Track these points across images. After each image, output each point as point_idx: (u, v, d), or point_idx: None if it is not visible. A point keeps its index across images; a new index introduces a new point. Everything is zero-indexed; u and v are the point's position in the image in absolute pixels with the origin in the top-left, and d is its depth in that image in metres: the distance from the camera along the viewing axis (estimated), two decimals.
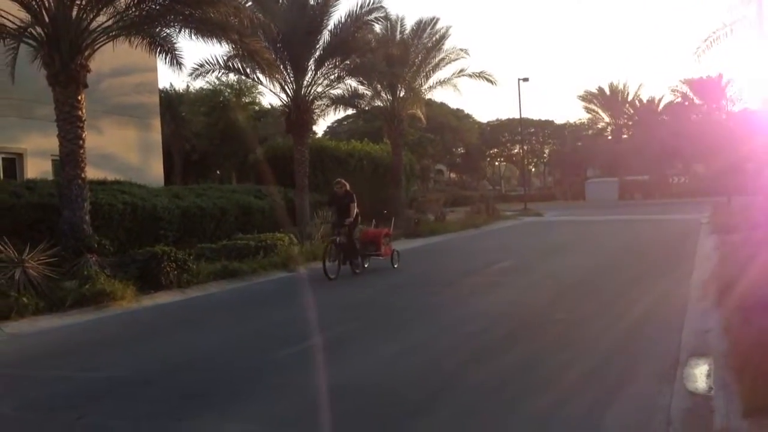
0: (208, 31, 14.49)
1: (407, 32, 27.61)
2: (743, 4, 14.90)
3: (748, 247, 11.94)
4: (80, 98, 13.13)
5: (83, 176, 13.03)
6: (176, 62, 14.72)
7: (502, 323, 8.55)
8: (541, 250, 18.30)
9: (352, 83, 24.41)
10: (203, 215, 16.86)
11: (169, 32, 14.67)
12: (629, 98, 67.53)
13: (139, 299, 10.92)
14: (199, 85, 45.60)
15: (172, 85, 51.56)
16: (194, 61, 43.24)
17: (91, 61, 13.42)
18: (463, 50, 28.82)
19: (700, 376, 5.88)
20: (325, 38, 21.08)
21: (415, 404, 5.36)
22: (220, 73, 21.24)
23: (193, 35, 14.49)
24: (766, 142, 27.65)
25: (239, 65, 20.28)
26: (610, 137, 68.72)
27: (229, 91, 39.64)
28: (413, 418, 5.06)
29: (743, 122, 45.64)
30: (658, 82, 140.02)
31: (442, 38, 28.04)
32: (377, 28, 24.04)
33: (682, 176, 61.94)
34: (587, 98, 69.21)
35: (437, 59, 28.30)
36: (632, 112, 67.32)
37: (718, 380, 5.67)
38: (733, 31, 15.16)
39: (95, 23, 13.32)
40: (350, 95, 25.17)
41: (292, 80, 20.96)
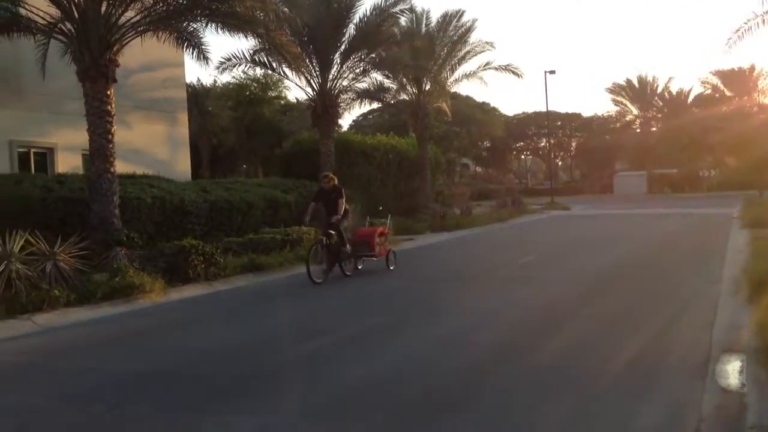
0: (234, 25, 14.54)
1: (432, 25, 27.56)
2: None
3: None
4: (109, 93, 13.26)
5: (113, 170, 13.17)
6: (203, 57, 14.80)
7: (529, 319, 8.50)
8: (567, 244, 18.16)
9: (377, 77, 24.47)
10: (230, 209, 16.94)
11: (195, 27, 14.75)
12: (658, 90, 66.65)
13: (167, 292, 11.04)
14: (225, 79, 45.86)
15: (199, 79, 52.01)
16: (221, 55, 43.63)
17: (119, 56, 13.56)
18: (488, 43, 28.68)
19: (732, 372, 5.79)
20: (350, 31, 21.12)
21: (439, 400, 5.36)
22: (246, 67, 21.44)
23: (219, 29, 14.56)
24: None
25: (265, 59, 20.39)
26: (638, 130, 67.95)
27: (255, 85, 39.89)
28: (443, 412, 5.06)
29: None
30: (687, 73, 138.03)
31: (467, 31, 27.91)
32: (402, 21, 24.10)
33: (711, 170, 61.04)
34: (615, 90, 68.50)
35: (463, 52, 28.17)
36: (661, 104, 66.45)
37: (750, 376, 5.58)
38: (765, 21, 14.82)
39: (123, 18, 13.44)
40: (376, 89, 25.21)
41: (317, 74, 21.01)
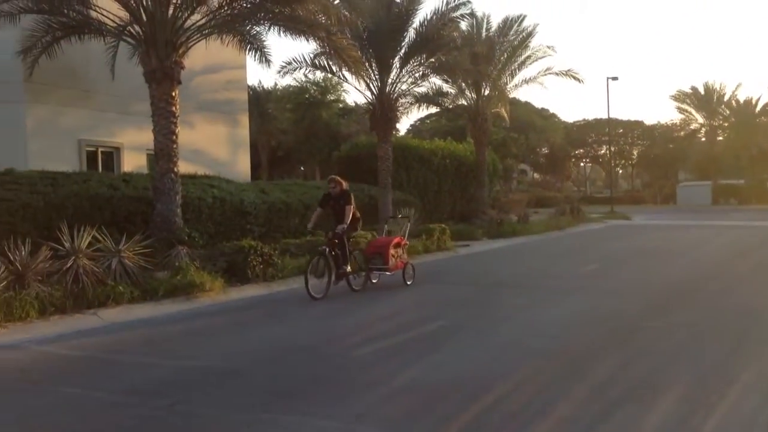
0: (296, 28, 14.71)
1: (493, 30, 27.35)
2: None
3: None
4: (174, 94, 13.55)
5: (176, 170, 13.45)
6: (265, 59, 14.97)
7: (586, 332, 8.27)
8: (627, 255, 17.65)
9: (436, 81, 24.30)
10: (288, 210, 17.09)
11: (258, 30, 14.96)
12: (725, 99, 64.38)
13: (227, 291, 11.19)
14: (286, 82, 46.54)
15: (260, 82, 52.93)
16: (282, 58, 44.25)
17: (185, 58, 13.84)
18: (550, 47, 28.34)
19: None
20: (410, 35, 21.05)
21: (488, 399, 5.25)
22: (306, 70, 21.55)
23: (281, 33, 14.78)
24: None
25: (326, 63, 20.50)
26: (703, 139, 65.90)
27: (314, 88, 40.32)
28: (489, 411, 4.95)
29: None
30: (756, 82, 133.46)
31: (528, 36, 27.60)
32: (463, 25, 23.96)
33: None
34: (680, 98, 66.47)
35: (523, 57, 27.88)
36: (728, 113, 64.17)
37: None
38: None
39: (189, 22, 13.74)
40: (434, 93, 25.09)
41: (377, 78, 21.03)
